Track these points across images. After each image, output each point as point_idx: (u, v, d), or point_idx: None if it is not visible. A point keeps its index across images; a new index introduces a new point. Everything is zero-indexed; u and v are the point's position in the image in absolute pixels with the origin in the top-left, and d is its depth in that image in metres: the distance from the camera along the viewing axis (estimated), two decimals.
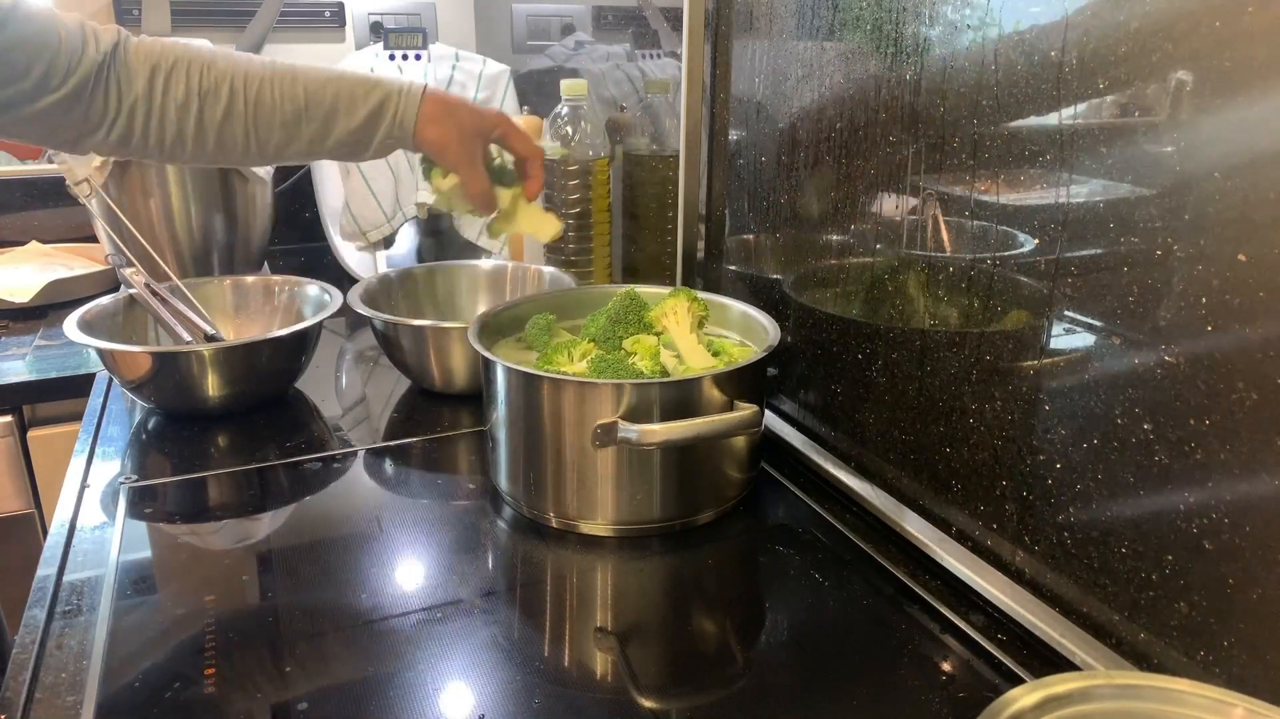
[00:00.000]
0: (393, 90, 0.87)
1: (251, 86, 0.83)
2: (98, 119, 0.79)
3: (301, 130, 0.85)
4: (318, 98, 0.85)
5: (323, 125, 0.86)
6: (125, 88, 0.79)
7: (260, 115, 0.83)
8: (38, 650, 0.61)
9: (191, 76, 0.81)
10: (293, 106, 0.84)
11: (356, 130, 0.86)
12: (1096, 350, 0.56)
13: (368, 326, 1.02)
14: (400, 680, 0.59)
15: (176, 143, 0.82)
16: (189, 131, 0.82)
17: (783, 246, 0.90)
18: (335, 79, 0.86)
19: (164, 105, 0.80)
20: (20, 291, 1.34)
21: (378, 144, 0.88)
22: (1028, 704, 0.44)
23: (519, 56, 1.75)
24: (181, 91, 0.81)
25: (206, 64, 0.82)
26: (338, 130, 0.86)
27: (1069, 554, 0.60)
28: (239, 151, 0.85)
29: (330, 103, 0.85)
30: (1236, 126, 0.47)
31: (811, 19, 0.81)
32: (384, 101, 0.86)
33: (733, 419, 0.72)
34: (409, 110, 0.87)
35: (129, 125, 0.80)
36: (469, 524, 0.78)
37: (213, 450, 0.92)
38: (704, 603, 0.69)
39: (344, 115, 0.86)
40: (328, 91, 0.85)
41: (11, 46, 0.72)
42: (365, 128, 0.86)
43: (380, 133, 0.87)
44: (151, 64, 0.80)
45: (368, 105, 0.86)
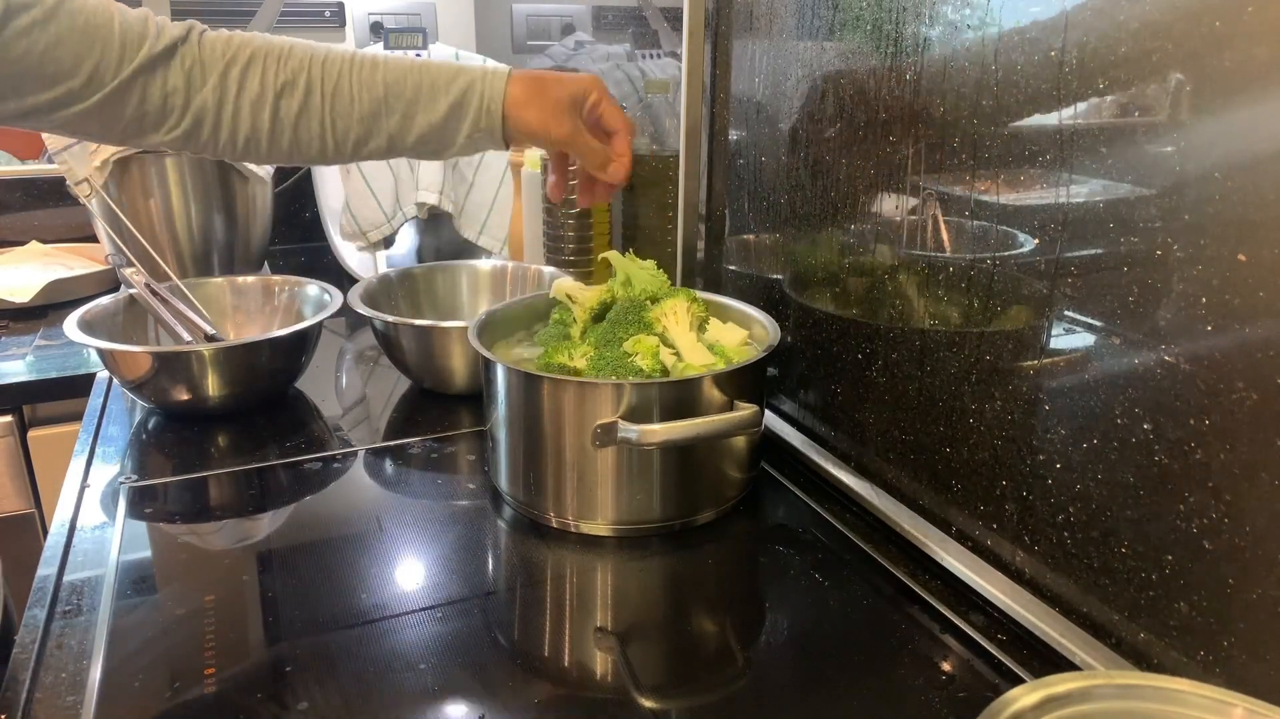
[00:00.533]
0: (476, 76, 0.81)
1: (330, 78, 0.78)
2: (156, 114, 0.75)
3: (381, 124, 0.80)
4: (397, 89, 0.80)
5: (403, 119, 0.80)
6: (195, 84, 0.75)
7: (338, 108, 0.79)
8: (38, 650, 0.61)
9: (268, 69, 0.77)
10: (371, 98, 0.79)
11: (440, 123, 0.81)
12: (1096, 350, 0.56)
13: (368, 326, 1.02)
14: (400, 680, 0.59)
15: (251, 140, 0.78)
16: (264, 129, 0.78)
17: (783, 246, 0.90)
18: (418, 68, 0.81)
19: (238, 101, 0.77)
20: (20, 291, 1.34)
21: (465, 137, 0.82)
22: (1028, 704, 0.44)
23: (519, 56, 1.75)
24: (256, 85, 0.77)
25: (283, 55, 0.78)
26: (419, 123, 0.80)
27: (1069, 554, 0.60)
28: (315, 148, 0.80)
29: (411, 93, 0.80)
30: (1236, 126, 0.47)
31: (811, 19, 0.81)
32: (468, 89, 0.80)
33: (733, 419, 0.72)
34: (495, 95, 0.80)
35: (196, 122, 0.76)
36: (469, 524, 0.78)
37: (213, 450, 0.92)
38: (704, 603, 0.69)
39: (425, 107, 0.80)
40: (408, 82, 0.80)
41: (58, 42, 0.69)
42: (449, 119, 0.81)
43: (467, 124, 0.81)
44: (226, 60, 0.77)
45: (450, 95, 0.80)
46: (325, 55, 0.79)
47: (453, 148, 0.83)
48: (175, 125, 0.76)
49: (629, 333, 0.80)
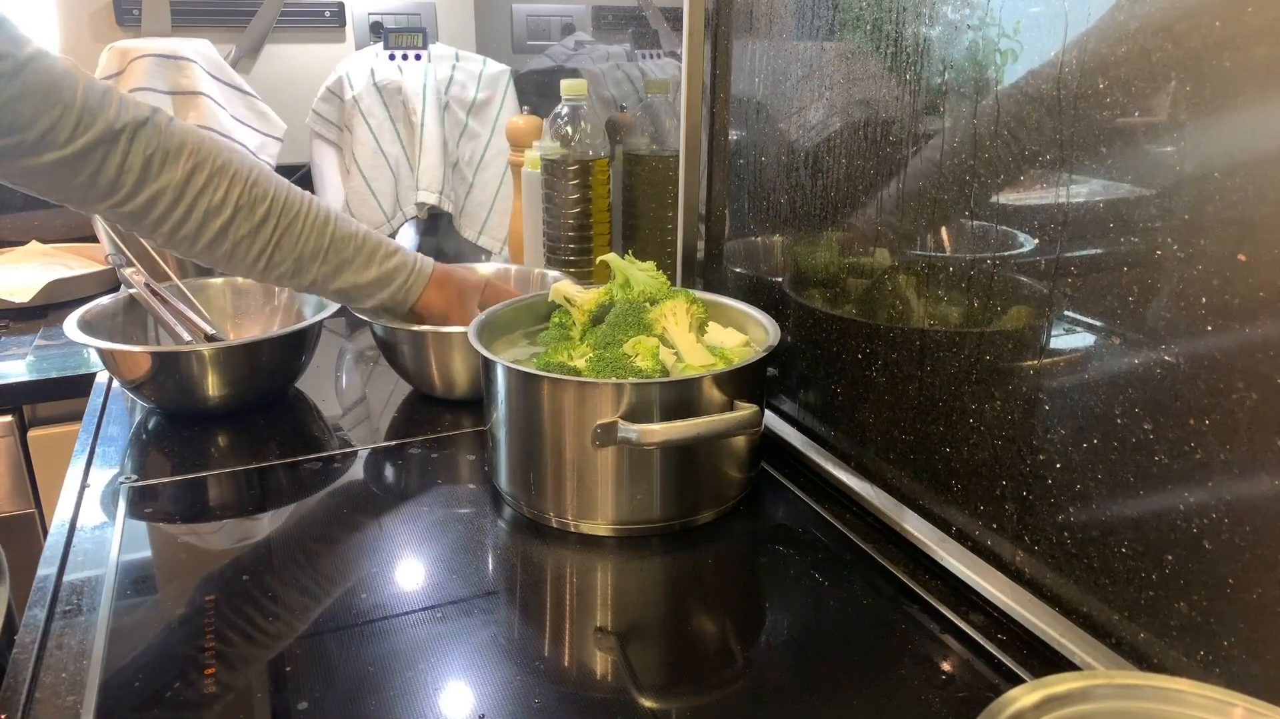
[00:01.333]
0: (410, 263, 0.95)
1: (286, 216, 0.86)
2: (108, 187, 0.78)
3: (312, 269, 0.89)
4: (339, 246, 0.90)
5: (333, 270, 0.90)
6: (155, 170, 0.80)
7: (283, 244, 0.87)
8: (38, 650, 0.61)
9: (234, 187, 0.83)
10: (315, 246, 0.88)
11: (361, 285, 0.92)
12: (1096, 350, 0.56)
13: (368, 327, 1.02)
14: (400, 680, 0.59)
15: (190, 238, 0.84)
16: (209, 234, 0.83)
17: (783, 246, 0.90)
18: (363, 236, 0.92)
19: (195, 202, 0.82)
20: (20, 291, 1.34)
21: (374, 305, 0.95)
22: (1028, 704, 0.43)
23: (519, 56, 1.75)
24: (219, 197, 0.83)
25: (251, 180, 0.84)
26: (343, 279, 0.91)
27: (1069, 554, 0.60)
28: (245, 266, 0.87)
29: (350, 254, 0.91)
30: (1236, 126, 0.47)
31: (811, 19, 0.81)
32: (397, 270, 0.93)
33: (733, 419, 0.72)
34: (416, 286, 0.95)
35: (148, 206, 0.80)
36: (469, 524, 0.78)
37: (213, 450, 0.92)
38: (704, 603, 0.69)
39: (356, 269, 0.91)
40: (351, 245, 0.91)
41: (19, 96, 0.72)
42: (370, 286, 0.93)
43: (383, 295, 0.94)
44: (195, 160, 0.81)
45: (381, 268, 0.92)
46: (288, 193, 0.88)
47: (361, 306, 0.96)
48: (124, 202, 0.80)
49: (628, 334, 0.80)
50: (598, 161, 1.17)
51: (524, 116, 1.35)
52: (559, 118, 1.17)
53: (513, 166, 1.38)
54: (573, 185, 1.17)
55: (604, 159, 1.18)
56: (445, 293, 0.97)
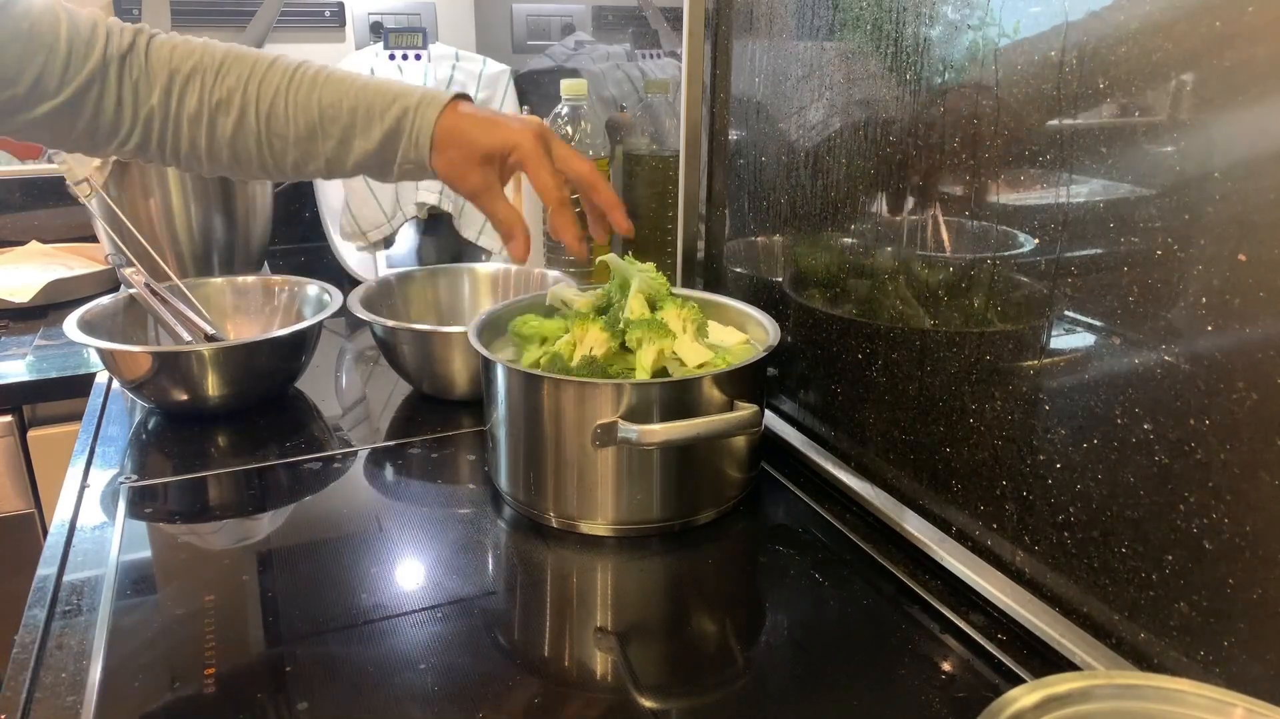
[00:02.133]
0: (411, 104, 0.76)
1: (265, 98, 0.75)
2: (109, 126, 0.74)
3: (317, 147, 0.77)
4: (332, 112, 0.76)
5: (339, 144, 0.77)
6: (142, 95, 0.74)
7: (273, 129, 0.76)
8: (38, 650, 0.61)
9: (205, 85, 0.74)
10: (306, 121, 0.76)
11: (375, 151, 0.77)
12: (1096, 350, 0.56)
13: (368, 327, 1.02)
14: (400, 680, 0.59)
15: (190, 155, 0.77)
16: (201, 145, 0.76)
17: (783, 247, 0.90)
18: (356, 89, 0.76)
19: (178, 116, 0.75)
20: (20, 291, 1.34)
21: (399, 170, 0.78)
22: (1028, 704, 0.44)
23: (519, 56, 1.75)
24: (194, 102, 0.74)
25: (221, 70, 0.75)
26: (356, 150, 0.77)
27: (1069, 554, 0.60)
28: (255, 166, 0.78)
29: (347, 118, 0.76)
30: (1237, 126, 0.47)
31: (811, 19, 0.81)
32: (400, 119, 0.76)
33: (733, 419, 0.72)
34: (425, 128, 0.75)
35: (145, 135, 0.75)
36: (469, 524, 0.78)
37: (213, 450, 0.92)
38: (704, 603, 0.69)
39: (360, 134, 0.76)
40: (344, 105, 0.76)
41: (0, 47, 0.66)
42: (383, 148, 0.76)
43: (399, 157, 0.77)
44: (170, 70, 0.74)
45: (384, 123, 0.76)
46: (264, 72, 0.76)
47: (391, 176, 0.78)
48: (127, 138, 0.75)
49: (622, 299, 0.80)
50: (598, 161, 1.17)
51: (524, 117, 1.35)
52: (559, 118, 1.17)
53: None
54: None
55: (604, 159, 1.18)
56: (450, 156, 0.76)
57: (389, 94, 0.76)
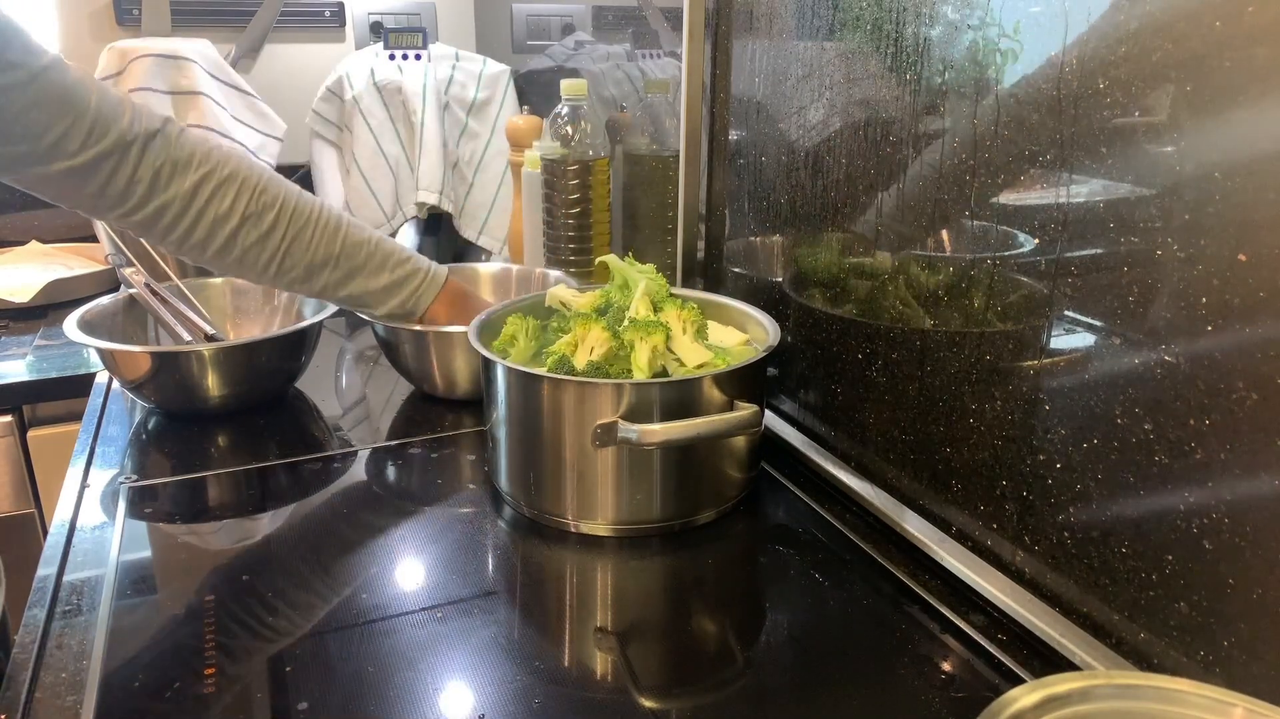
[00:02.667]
0: (422, 270, 0.94)
1: (295, 223, 0.86)
2: (117, 197, 0.79)
3: (323, 275, 0.89)
4: (350, 252, 0.90)
5: (344, 276, 0.90)
6: (164, 181, 0.80)
7: (293, 251, 0.87)
8: (38, 650, 0.61)
9: (241, 195, 0.83)
10: (325, 253, 0.88)
11: (373, 292, 0.92)
12: (1096, 350, 0.56)
13: (368, 327, 1.02)
14: (400, 680, 0.59)
15: (200, 245, 0.84)
16: (217, 242, 0.84)
17: (783, 247, 0.90)
18: (375, 241, 0.91)
19: (203, 211, 0.82)
20: (20, 291, 1.34)
21: (385, 311, 0.94)
22: (1028, 704, 0.44)
23: (519, 56, 1.75)
24: (227, 205, 0.83)
25: (259, 186, 0.85)
26: (354, 286, 0.91)
27: (1069, 554, 0.60)
28: (255, 272, 0.88)
29: (361, 260, 0.90)
30: (1236, 126, 0.47)
31: (811, 19, 0.81)
32: (409, 277, 0.93)
33: (733, 419, 0.72)
34: (427, 295, 0.94)
35: (156, 216, 0.81)
36: (469, 524, 0.78)
37: (213, 450, 0.92)
38: (704, 603, 0.69)
39: (367, 275, 0.91)
40: (362, 250, 0.90)
41: (33, 105, 0.72)
42: (381, 293, 0.93)
43: (393, 303, 0.93)
44: (203, 170, 0.82)
45: (393, 275, 0.92)
46: (297, 200, 0.87)
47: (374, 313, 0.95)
48: (134, 211, 0.81)
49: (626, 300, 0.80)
50: (598, 161, 1.17)
51: (524, 116, 1.35)
52: (559, 118, 1.17)
53: (513, 166, 1.38)
54: (573, 185, 1.17)
55: (604, 159, 1.18)
56: (453, 309, 0.96)
57: (403, 254, 0.94)
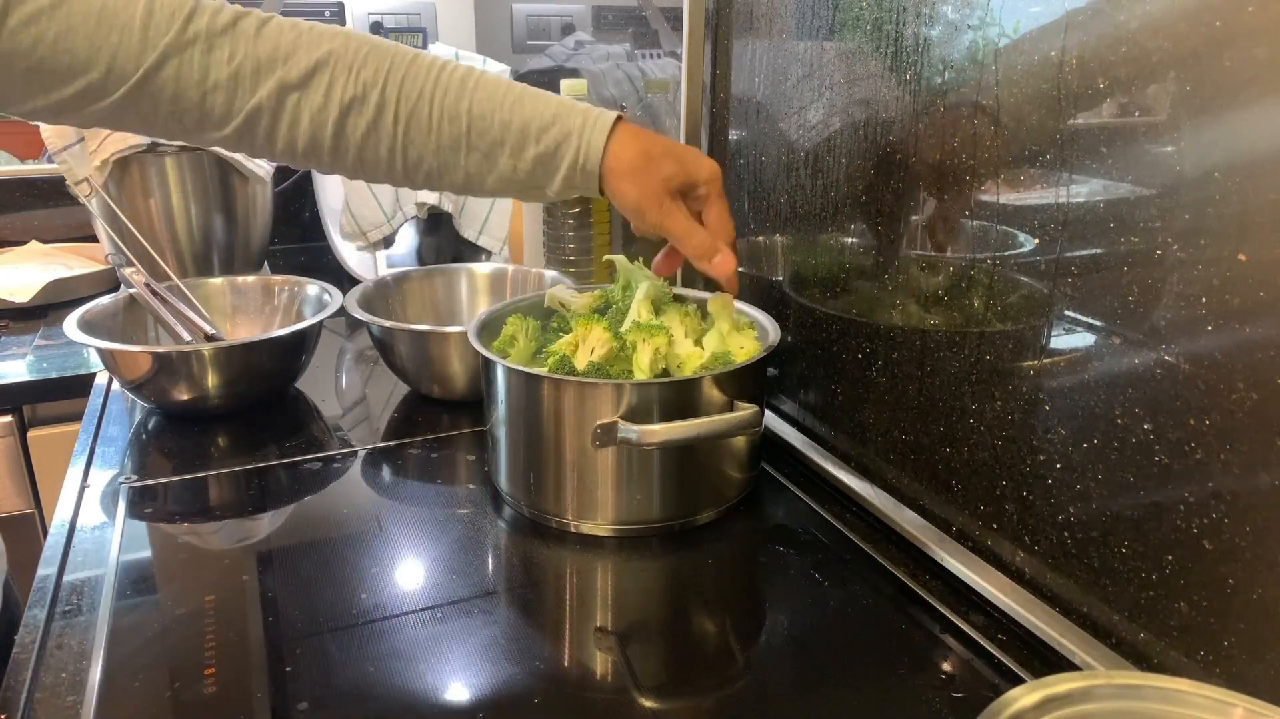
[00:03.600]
0: (574, 127, 0.70)
1: (408, 99, 0.68)
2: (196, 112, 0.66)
3: (459, 160, 0.70)
4: (483, 125, 0.69)
5: (485, 159, 0.70)
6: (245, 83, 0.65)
7: (412, 135, 0.69)
8: (38, 650, 0.61)
9: (336, 79, 0.67)
10: (452, 131, 0.69)
11: (526, 173, 0.71)
12: (1096, 350, 0.56)
13: (367, 327, 1.02)
14: (400, 680, 0.59)
15: (309, 154, 0.69)
16: (324, 144, 0.68)
17: (783, 246, 0.90)
18: (512, 102, 0.69)
19: (296, 111, 0.67)
20: (20, 291, 1.34)
21: (556, 190, 0.72)
22: (1028, 704, 0.43)
23: (519, 56, 1.75)
24: (320, 97, 0.67)
25: (356, 63, 0.67)
26: (502, 169, 0.70)
27: (1069, 554, 0.60)
28: (383, 171, 0.71)
29: (498, 134, 0.69)
30: (1237, 126, 0.47)
31: (811, 19, 0.81)
32: (563, 142, 0.70)
33: (733, 419, 0.72)
34: (593, 154, 0.69)
35: (250, 125, 0.67)
36: (469, 524, 0.78)
37: (213, 450, 0.92)
38: (704, 603, 0.69)
39: (510, 153, 0.70)
40: (496, 119, 0.69)
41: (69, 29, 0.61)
42: (535, 171, 0.70)
43: (558, 179, 0.71)
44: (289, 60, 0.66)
45: (540, 146, 0.69)
46: (407, 68, 0.68)
47: (542, 197, 0.73)
48: (221, 124, 0.67)
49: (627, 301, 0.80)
50: None
51: None
52: None
53: None
54: None
55: None
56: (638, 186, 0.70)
57: (548, 112, 0.70)
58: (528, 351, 0.83)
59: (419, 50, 0.70)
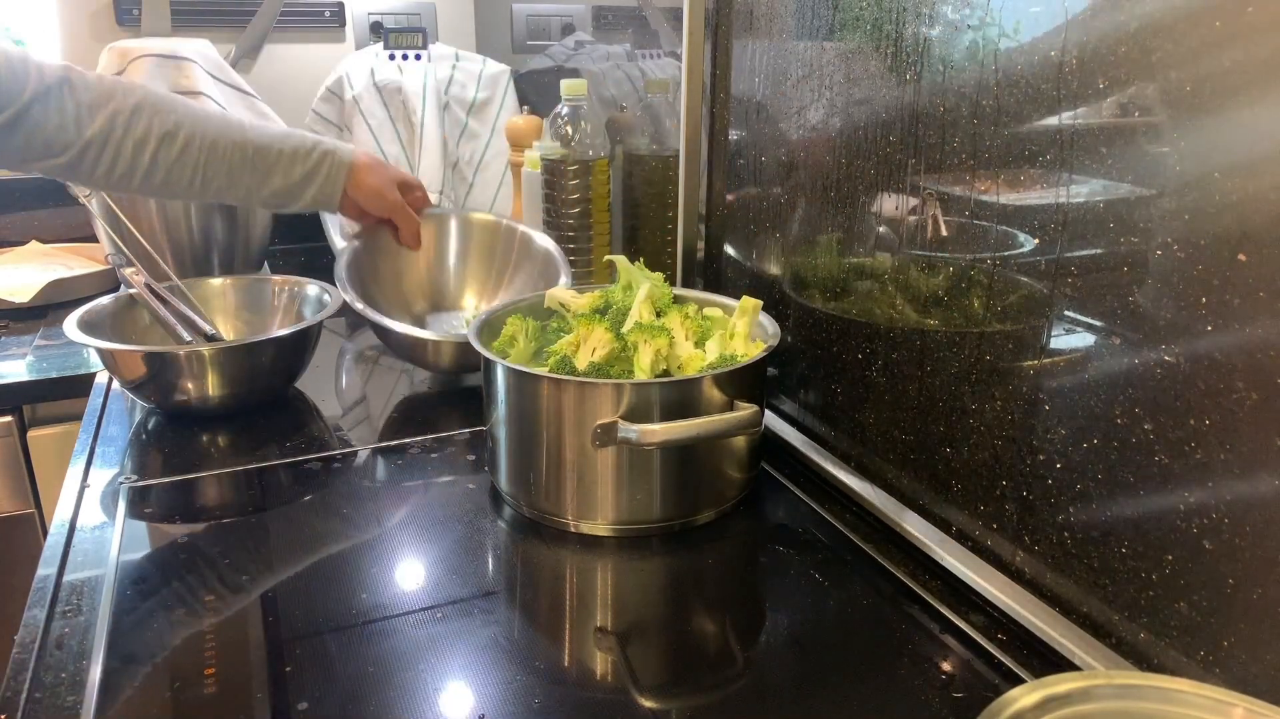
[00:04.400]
0: (329, 150, 1.02)
1: (207, 134, 0.96)
2: (42, 148, 0.88)
3: (243, 178, 0.98)
4: (263, 152, 0.99)
5: (263, 177, 0.99)
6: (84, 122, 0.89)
7: (212, 160, 0.96)
8: (38, 650, 0.61)
9: (154, 118, 0.93)
10: (240, 156, 0.98)
11: (291, 185, 1.01)
12: (1096, 350, 0.56)
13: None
14: (400, 680, 0.59)
15: (125, 175, 0.93)
16: (142, 167, 0.93)
17: (783, 247, 0.90)
18: (282, 138, 1.00)
19: (121, 142, 0.91)
20: (20, 291, 1.34)
21: (308, 200, 1.03)
22: (1028, 704, 0.44)
23: (519, 56, 1.75)
24: (141, 130, 0.92)
25: (166, 107, 0.94)
26: (274, 183, 1.00)
27: (1069, 554, 0.60)
28: (182, 188, 0.97)
29: (273, 158, 0.99)
30: (1236, 126, 0.47)
31: (811, 19, 0.81)
32: (321, 161, 1.02)
33: (733, 419, 0.72)
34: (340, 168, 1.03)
35: (80, 157, 0.90)
36: (469, 524, 0.78)
37: (213, 450, 0.92)
38: (704, 603, 0.69)
39: (283, 171, 1.00)
40: (273, 148, 0.99)
41: None
42: (299, 185, 1.01)
43: (312, 190, 1.02)
44: (114, 104, 0.91)
45: (305, 164, 1.01)
46: (201, 112, 0.97)
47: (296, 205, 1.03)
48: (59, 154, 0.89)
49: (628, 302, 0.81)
50: (598, 161, 1.17)
51: (524, 116, 1.35)
52: (559, 118, 1.17)
53: (513, 166, 1.38)
54: (573, 185, 1.17)
55: (604, 159, 1.18)
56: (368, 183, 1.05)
57: (308, 142, 1.02)
58: (528, 351, 0.83)
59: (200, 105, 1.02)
